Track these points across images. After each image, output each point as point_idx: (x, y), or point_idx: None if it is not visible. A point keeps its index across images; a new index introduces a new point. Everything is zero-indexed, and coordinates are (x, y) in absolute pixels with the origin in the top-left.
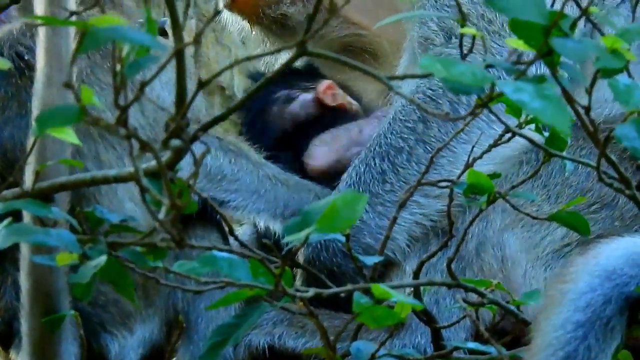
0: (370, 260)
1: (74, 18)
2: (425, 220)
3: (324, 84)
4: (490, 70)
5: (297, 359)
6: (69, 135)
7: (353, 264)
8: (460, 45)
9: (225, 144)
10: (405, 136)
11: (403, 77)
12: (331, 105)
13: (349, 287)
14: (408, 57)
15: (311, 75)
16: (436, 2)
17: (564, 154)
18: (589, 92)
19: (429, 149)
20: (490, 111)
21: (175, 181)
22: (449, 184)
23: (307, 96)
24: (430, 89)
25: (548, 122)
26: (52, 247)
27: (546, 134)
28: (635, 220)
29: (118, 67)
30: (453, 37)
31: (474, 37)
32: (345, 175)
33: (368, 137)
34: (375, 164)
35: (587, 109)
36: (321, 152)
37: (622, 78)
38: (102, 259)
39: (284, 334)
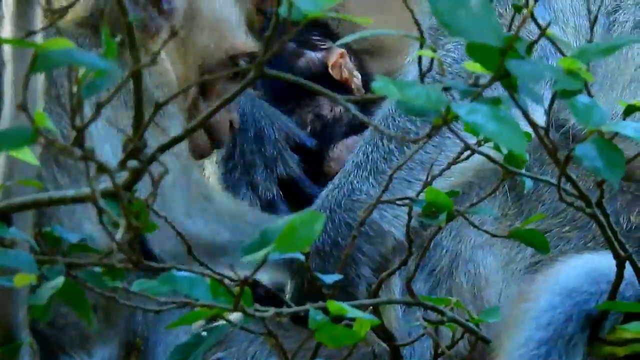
0: (330, 278)
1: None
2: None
3: (335, 54)
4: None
5: None
6: (27, 156)
7: (356, 232)
8: (419, 64)
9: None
10: (414, 118)
11: (360, 100)
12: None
13: (308, 305)
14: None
15: (326, 29)
16: None
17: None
18: (548, 112)
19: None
20: (450, 129)
21: (134, 202)
22: (407, 202)
23: (314, 56)
24: None
25: (504, 144)
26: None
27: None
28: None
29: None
30: None
31: (432, 60)
32: (352, 156)
33: None
34: (383, 144)
35: (547, 130)
36: (343, 159)
37: (582, 97)
38: (60, 280)
39: (257, 353)
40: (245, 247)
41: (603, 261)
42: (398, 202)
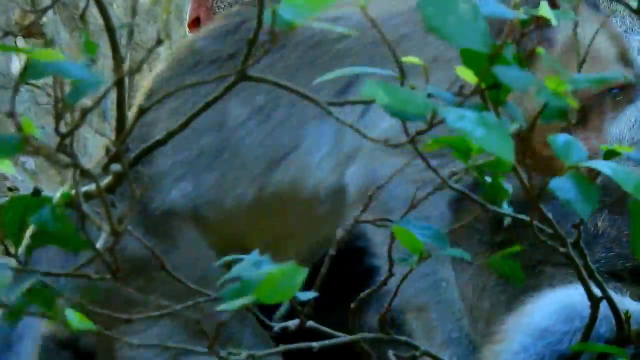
0: (305, 295)
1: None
2: None
3: None
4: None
5: None
6: (6, 167)
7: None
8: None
9: None
10: None
11: (343, 103)
12: None
13: (280, 347)
14: None
15: None
16: None
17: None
18: (528, 136)
19: None
20: (418, 152)
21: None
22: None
23: None
24: None
25: (492, 151)
26: None
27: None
28: None
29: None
30: None
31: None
32: None
33: None
34: None
35: (524, 152)
36: None
37: (561, 136)
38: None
39: None
40: (225, 293)
41: (578, 297)
42: (378, 222)
